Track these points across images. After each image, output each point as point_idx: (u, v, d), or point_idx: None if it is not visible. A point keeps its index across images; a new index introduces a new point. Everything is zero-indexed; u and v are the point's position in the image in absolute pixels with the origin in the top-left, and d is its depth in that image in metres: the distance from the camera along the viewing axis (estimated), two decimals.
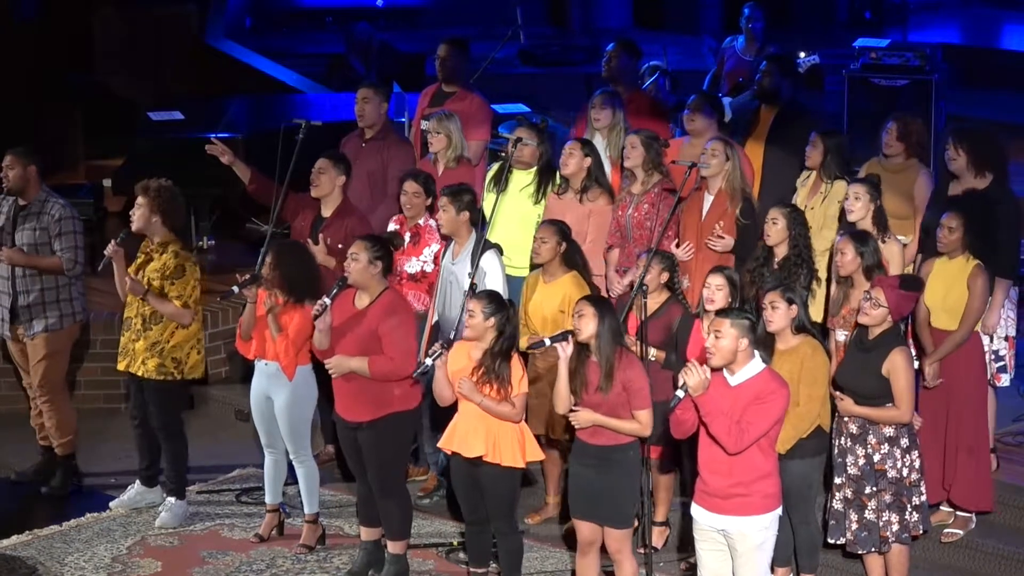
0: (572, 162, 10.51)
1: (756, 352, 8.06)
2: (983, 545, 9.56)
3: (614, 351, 8.50)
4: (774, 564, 8.90)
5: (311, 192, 10.61)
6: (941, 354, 9.45)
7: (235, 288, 9.88)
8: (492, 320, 8.80)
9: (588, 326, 8.50)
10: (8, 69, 16.32)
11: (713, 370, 8.01)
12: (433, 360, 8.88)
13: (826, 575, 9.47)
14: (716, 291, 9.06)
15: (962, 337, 9.43)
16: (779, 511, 8.16)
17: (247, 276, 9.94)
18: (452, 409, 9.07)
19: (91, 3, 17.56)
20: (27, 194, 10.73)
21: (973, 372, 9.55)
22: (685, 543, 9.78)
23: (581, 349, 8.57)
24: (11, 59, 16.43)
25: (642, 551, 9.09)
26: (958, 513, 9.63)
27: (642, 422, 8.56)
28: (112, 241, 10.18)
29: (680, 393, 7.97)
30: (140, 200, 10.15)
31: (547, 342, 8.69)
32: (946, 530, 9.61)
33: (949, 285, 9.44)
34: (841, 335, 9.31)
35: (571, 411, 8.60)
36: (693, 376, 7.88)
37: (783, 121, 11.44)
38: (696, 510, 8.21)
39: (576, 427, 8.62)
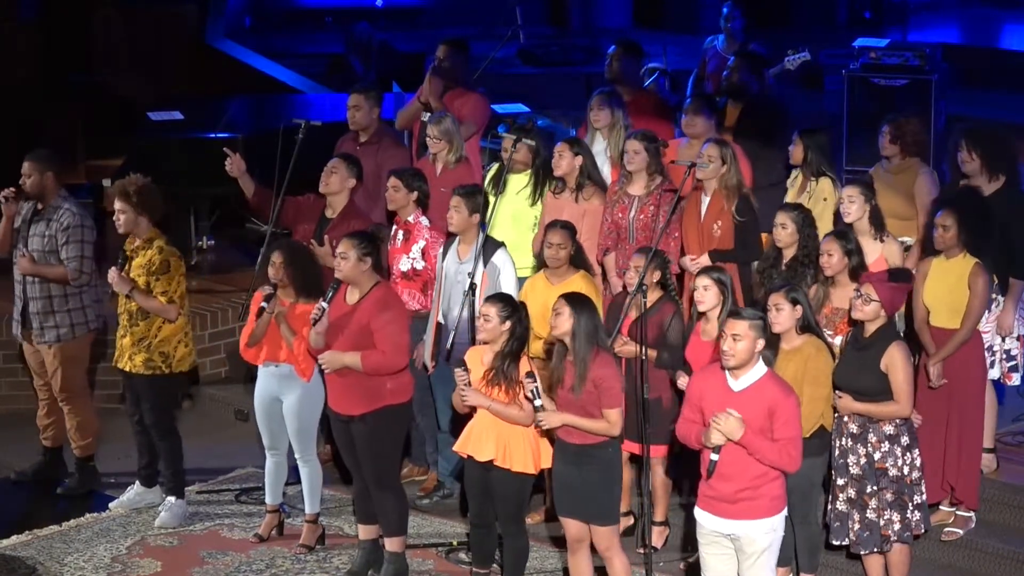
0: (563, 163, 10.52)
1: (760, 355, 8.08)
2: (983, 545, 9.55)
3: (589, 350, 8.51)
4: None
5: (320, 188, 10.61)
6: (945, 353, 9.43)
7: (264, 304, 9.81)
8: (508, 323, 8.82)
9: (564, 324, 8.52)
10: (8, 69, 16.34)
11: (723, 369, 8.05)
12: (468, 385, 8.87)
13: (826, 575, 9.47)
14: (704, 292, 9.07)
15: (964, 336, 9.42)
16: (785, 512, 8.17)
17: (269, 291, 9.87)
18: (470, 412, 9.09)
19: (91, 3, 17.57)
20: (45, 199, 10.72)
21: (974, 371, 9.53)
22: (685, 543, 9.78)
23: (561, 345, 8.59)
24: (12, 59, 16.45)
25: (641, 551, 9.08)
26: (958, 513, 9.63)
27: (611, 421, 8.56)
28: (113, 268, 10.12)
29: (715, 456, 8.00)
30: (122, 205, 10.10)
31: (538, 403, 8.65)
32: (946, 530, 9.60)
33: (951, 284, 9.43)
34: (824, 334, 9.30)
35: (539, 412, 8.61)
36: (726, 427, 7.90)
37: (749, 115, 11.50)
38: (701, 515, 8.20)
39: (544, 428, 8.64)
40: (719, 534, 8.14)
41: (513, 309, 8.87)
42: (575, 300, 8.62)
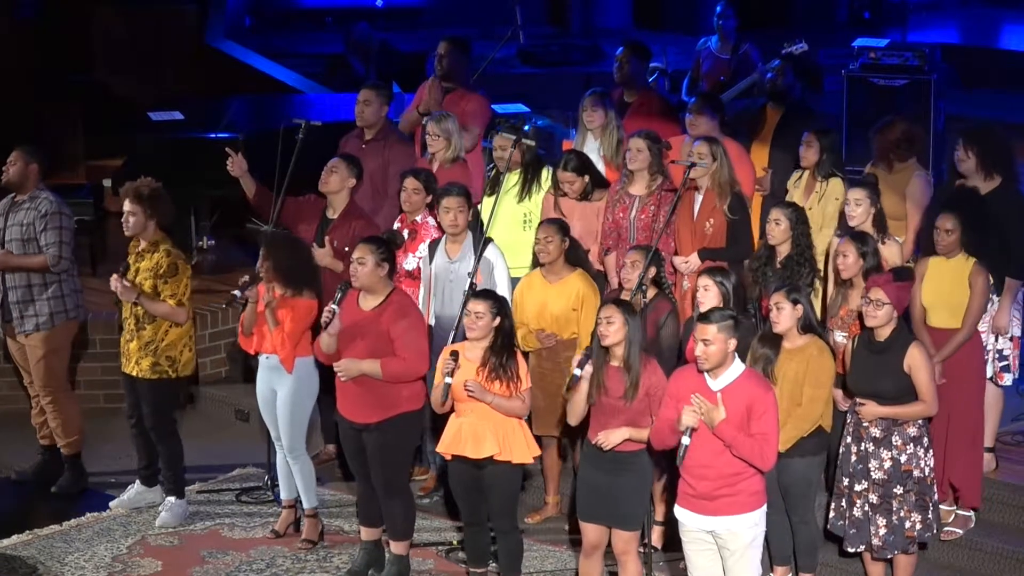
0: (576, 187, 10.53)
1: (735, 353, 8.10)
2: (983, 544, 9.56)
3: (640, 358, 8.50)
4: (773, 563, 8.92)
5: (319, 187, 10.61)
6: (945, 354, 9.42)
7: (236, 293, 9.88)
8: (499, 319, 8.82)
9: (618, 332, 8.45)
10: (8, 69, 16.34)
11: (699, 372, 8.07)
12: (451, 376, 8.87)
13: (825, 575, 9.48)
14: (704, 292, 9.08)
15: (965, 335, 9.43)
16: (765, 507, 8.16)
17: (245, 278, 9.94)
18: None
19: (91, 3, 17.57)
20: (23, 189, 10.74)
21: (973, 370, 9.54)
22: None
23: (600, 352, 8.55)
24: (11, 59, 16.45)
25: (642, 550, 9.09)
26: (958, 512, 9.63)
27: None
28: (115, 275, 10.12)
29: (686, 440, 8.01)
30: (134, 207, 10.12)
31: (577, 372, 8.59)
32: (946, 529, 9.59)
33: (950, 284, 9.44)
34: (839, 336, 9.31)
35: (598, 432, 8.54)
36: (707, 410, 7.95)
37: (789, 121, 11.48)
38: (682, 513, 8.21)
39: (606, 448, 8.55)
40: (701, 531, 8.16)
41: (501, 304, 8.89)
42: (626, 307, 8.56)
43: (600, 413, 8.57)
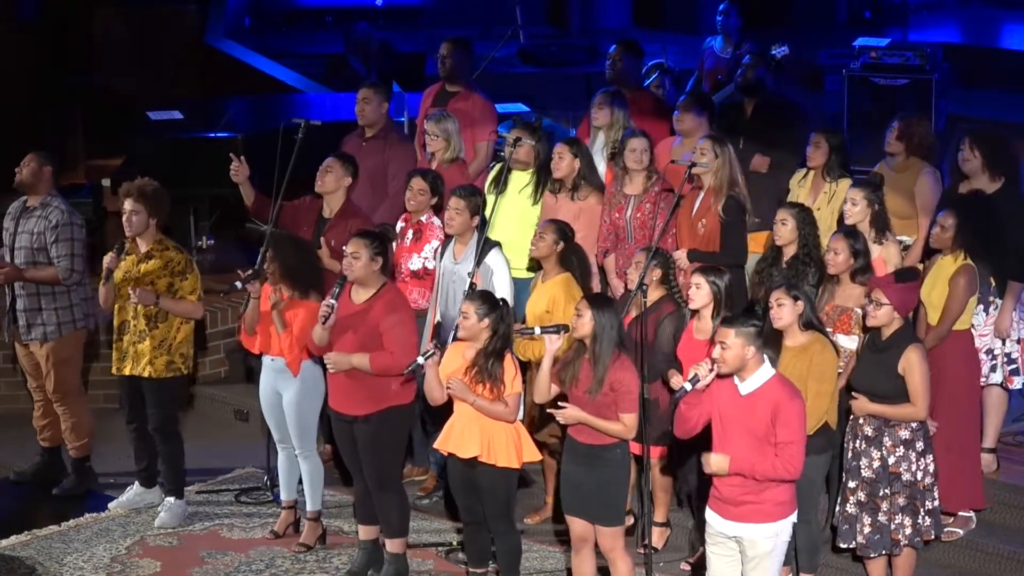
0: (563, 164, 10.55)
1: (765, 357, 8.05)
2: (983, 545, 9.56)
3: (610, 353, 8.49)
4: None
5: (315, 187, 10.61)
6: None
7: (237, 284, 9.89)
8: (486, 321, 8.81)
9: (585, 326, 8.50)
10: (8, 70, 16.34)
11: (722, 377, 8.02)
12: (425, 359, 8.88)
13: (826, 575, 9.47)
14: (696, 290, 9.10)
15: (938, 335, 9.42)
16: (792, 518, 8.13)
17: (249, 271, 9.93)
18: (450, 409, 9.07)
19: (91, 3, 17.57)
20: (36, 190, 10.71)
21: (961, 372, 9.51)
22: (685, 543, 9.78)
23: (581, 344, 8.58)
24: (11, 60, 16.44)
25: (642, 551, 9.08)
26: (959, 513, 9.62)
27: (626, 424, 8.54)
28: (111, 252, 10.14)
29: (688, 386, 7.99)
30: (136, 206, 10.09)
31: (537, 331, 8.71)
32: (946, 530, 9.57)
33: (938, 283, 9.46)
34: None
35: (558, 406, 8.59)
36: (715, 466, 7.96)
37: (761, 112, 11.46)
38: (710, 515, 8.20)
39: (562, 422, 8.62)
40: (724, 536, 8.14)
41: (492, 307, 8.84)
42: (597, 302, 8.60)
43: (571, 403, 8.60)
